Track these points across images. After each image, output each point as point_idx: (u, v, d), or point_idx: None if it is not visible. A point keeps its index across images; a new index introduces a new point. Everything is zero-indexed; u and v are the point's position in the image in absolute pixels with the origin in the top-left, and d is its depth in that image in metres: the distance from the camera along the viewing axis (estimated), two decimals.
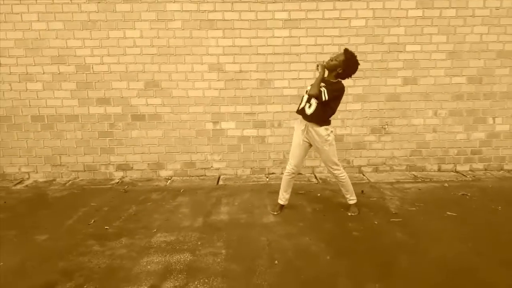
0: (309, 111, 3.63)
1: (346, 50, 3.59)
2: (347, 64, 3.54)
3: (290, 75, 5.33)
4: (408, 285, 2.59)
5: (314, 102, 3.60)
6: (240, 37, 5.23)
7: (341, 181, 3.90)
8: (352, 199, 3.96)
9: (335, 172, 3.85)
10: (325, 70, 3.62)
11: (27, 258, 3.06)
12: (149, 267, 2.88)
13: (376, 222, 3.67)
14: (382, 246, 3.18)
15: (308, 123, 3.69)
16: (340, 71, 3.59)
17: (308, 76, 5.29)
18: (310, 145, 3.84)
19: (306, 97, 3.69)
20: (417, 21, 5.22)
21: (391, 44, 5.26)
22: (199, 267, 2.86)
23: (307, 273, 2.77)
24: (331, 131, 3.72)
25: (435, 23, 5.23)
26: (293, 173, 3.90)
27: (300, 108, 3.75)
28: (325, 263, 2.91)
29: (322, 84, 3.58)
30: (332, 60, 3.58)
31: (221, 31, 5.20)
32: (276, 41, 5.25)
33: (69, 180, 5.34)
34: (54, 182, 5.26)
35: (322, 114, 3.62)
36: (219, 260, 2.97)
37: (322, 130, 3.65)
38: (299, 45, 5.26)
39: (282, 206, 4.03)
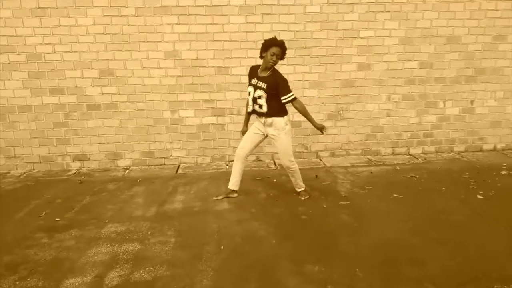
0: (261, 110, 3.73)
1: (282, 41, 3.71)
2: (284, 52, 3.70)
3: (248, 62, 5.32)
4: (346, 265, 2.71)
5: (263, 102, 3.68)
6: (196, 24, 5.20)
7: (292, 171, 3.96)
8: (302, 185, 4.06)
9: (291, 165, 3.89)
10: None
11: None
12: (96, 257, 2.90)
13: (325, 206, 3.79)
14: (327, 228, 3.30)
15: (263, 118, 3.78)
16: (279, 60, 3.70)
17: None
18: (263, 139, 3.96)
19: (251, 97, 3.76)
20: (370, 7, 5.31)
21: (346, 30, 5.35)
22: (146, 256, 2.90)
23: (251, 257, 2.85)
24: (288, 121, 3.82)
25: (388, 9, 5.34)
26: (240, 155, 3.97)
27: (250, 111, 3.86)
28: (270, 247, 3.00)
29: (263, 85, 3.65)
30: (275, 62, 3.68)
31: (176, 17, 5.15)
32: (232, 27, 5.24)
33: (24, 172, 5.24)
34: (8, 175, 5.15)
35: (278, 106, 3.72)
36: (167, 248, 3.02)
37: (280, 120, 3.75)
38: (256, 31, 5.27)
39: (233, 191, 4.10)
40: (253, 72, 3.83)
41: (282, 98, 3.67)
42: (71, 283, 2.57)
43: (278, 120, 3.74)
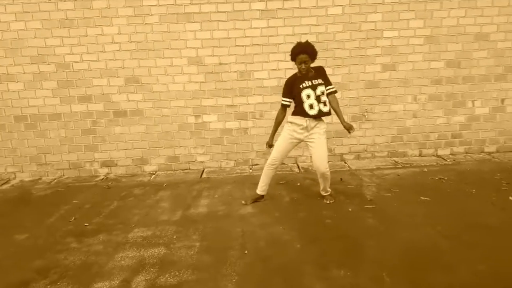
0: (326, 108, 3.71)
1: (305, 46, 3.62)
2: (313, 53, 3.63)
3: (270, 66, 5.35)
4: (372, 269, 2.65)
5: (325, 97, 3.68)
6: (218, 29, 5.25)
7: (327, 176, 3.86)
8: (329, 190, 4.01)
9: (327, 169, 3.81)
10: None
11: (5, 257, 3.13)
12: (123, 262, 2.95)
13: (350, 209, 3.73)
14: (352, 232, 3.25)
15: (315, 120, 3.73)
16: (311, 63, 3.68)
17: (287, 66, 5.30)
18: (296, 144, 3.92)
19: (313, 99, 3.65)
20: (394, 7, 5.22)
21: (369, 31, 5.28)
22: (172, 260, 2.93)
23: (276, 262, 2.84)
24: None
25: (412, 8, 5.23)
26: (273, 165, 3.94)
27: (316, 113, 3.68)
28: (295, 251, 2.98)
29: (319, 81, 3.66)
30: (305, 68, 3.63)
31: (199, 24, 5.22)
32: (254, 32, 5.26)
33: (55, 179, 5.41)
34: (39, 181, 5.33)
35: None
36: (192, 252, 3.04)
37: (323, 125, 3.81)
38: (277, 35, 5.27)
39: (261, 197, 4.09)
40: (297, 79, 3.72)
41: (329, 87, 3.76)
42: (99, 287, 2.63)
43: (323, 121, 3.79)
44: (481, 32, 5.30)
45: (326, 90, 3.73)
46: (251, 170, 5.36)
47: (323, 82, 3.70)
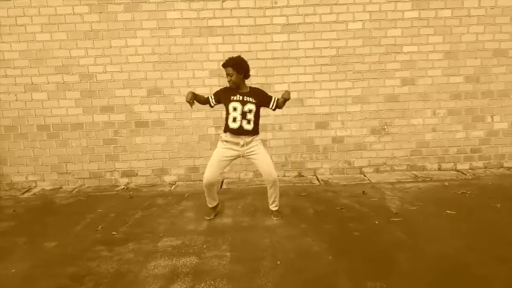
0: (248, 126, 3.72)
1: (230, 60, 3.74)
2: (239, 67, 3.72)
3: (290, 79, 5.42)
4: (406, 282, 2.66)
5: (252, 116, 3.71)
6: (240, 43, 5.33)
7: (277, 184, 3.90)
8: (277, 206, 4.02)
9: (275, 177, 3.85)
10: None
11: (37, 264, 3.15)
12: (156, 270, 2.97)
13: (376, 222, 3.74)
14: (382, 245, 3.26)
15: (246, 137, 3.74)
16: (242, 77, 3.78)
17: (307, 79, 5.39)
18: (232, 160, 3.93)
19: (238, 114, 3.69)
20: (413, 22, 5.30)
21: (388, 45, 5.35)
22: (205, 270, 2.95)
23: (309, 273, 2.85)
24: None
25: (431, 24, 5.31)
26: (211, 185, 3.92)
27: (236, 127, 3.70)
28: (327, 263, 2.99)
29: (251, 99, 3.72)
30: (231, 81, 3.73)
31: (221, 37, 5.30)
32: (275, 45, 5.34)
33: (76, 188, 5.45)
34: (60, 190, 5.37)
35: (257, 123, 3.82)
36: (224, 262, 3.06)
37: (259, 137, 3.86)
38: (298, 49, 5.35)
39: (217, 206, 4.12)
40: (231, 90, 3.80)
41: (271, 103, 3.82)
42: None
43: (256, 137, 3.82)
44: (500, 48, 5.36)
45: (271, 106, 3.83)
46: None
47: (255, 101, 3.72)
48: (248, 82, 5.32)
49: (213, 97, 3.91)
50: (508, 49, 5.36)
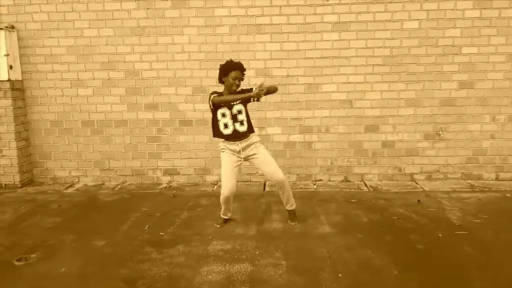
0: (243, 128, 3.57)
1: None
2: (220, 73, 3.59)
3: (339, 79, 5.20)
4: None
5: (243, 116, 3.56)
6: (288, 41, 5.16)
7: (287, 185, 3.70)
8: (294, 202, 3.82)
9: (283, 176, 3.65)
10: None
11: (88, 264, 3.08)
12: (210, 277, 2.83)
13: (440, 235, 3.48)
14: (451, 260, 3.01)
15: (241, 142, 3.58)
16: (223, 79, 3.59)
17: (358, 80, 5.16)
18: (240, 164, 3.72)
19: (228, 119, 3.53)
20: (474, 22, 4.98)
21: (446, 46, 5.05)
22: (262, 279, 2.79)
23: None
24: None
25: (494, 24, 4.97)
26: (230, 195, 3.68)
27: (230, 133, 3.55)
28: (393, 278, 2.77)
29: (236, 96, 3.50)
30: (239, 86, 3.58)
31: (269, 35, 5.15)
32: (324, 44, 5.14)
33: (118, 184, 5.41)
34: (103, 186, 5.34)
35: (250, 121, 3.68)
36: (280, 272, 2.89)
37: (256, 136, 3.70)
38: (349, 48, 5.13)
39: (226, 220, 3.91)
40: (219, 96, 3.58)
41: (252, 95, 3.40)
42: None
43: (254, 136, 3.68)
44: None
45: (252, 98, 3.47)
46: (315, 186, 5.18)
47: (240, 101, 3.54)
48: (295, 81, 5.22)
49: (213, 107, 3.60)
50: None
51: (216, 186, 5.25)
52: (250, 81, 5.22)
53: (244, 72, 3.62)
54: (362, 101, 5.21)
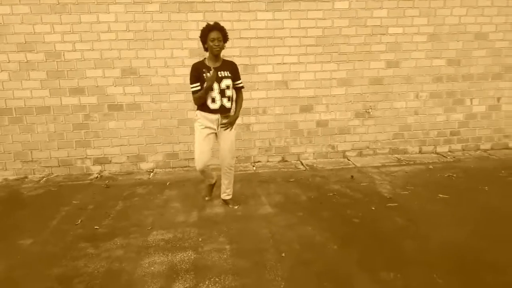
0: (229, 104, 3.58)
1: (218, 24, 3.50)
2: (226, 35, 3.51)
3: (274, 60, 5.20)
4: (421, 271, 2.59)
5: (230, 92, 3.54)
6: (222, 20, 4.93)
7: (232, 171, 3.78)
8: (231, 194, 3.89)
9: (234, 162, 3.77)
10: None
11: (14, 266, 2.81)
12: (152, 268, 2.73)
13: (373, 208, 3.67)
14: (385, 232, 3.19)
15: (224, 116, 3.58)
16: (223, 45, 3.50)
17: (292, 61, 5.19)
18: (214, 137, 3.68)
19: (216, 94, 3.45)
20: (399, 3, 5.21)
21: (374, 26, 5.23)
22: (206, 265, 2.74)
23: (319, 265, 2.71)
24: None
25: (416, 5, 5.24)
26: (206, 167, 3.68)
27: (217, 108, 3.49)
28: (333, 253, 2.87)
29: (226, 73, 3.49)
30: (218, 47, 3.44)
31: (202, 14, 4.97)
32: (259, 24, 5.08)
33: (43, 177, 5.00)
34: (26, 180, 4.91)
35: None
36: (225, 256, 2.86)
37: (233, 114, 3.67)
38: (283, 28, 5.12)
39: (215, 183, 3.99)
40: (201, 67, 3.45)
41: (237, 82, 3.59)
42: None
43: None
44: (481, 31, 5.39)
45: (237, 85, 3.61)
46: (254, 168, 5.20)
47: (230, 75, 3.51)
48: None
49: (195, 85, 3.47)
50: (488, 32, 5.41)
51: (152, 174, 5.06)
52: (184, 61, 5.06)
53: (224, 31, 3.44)
54: (297, 82, 5.27)
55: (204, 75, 3.37)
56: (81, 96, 4.99)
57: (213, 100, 3.47)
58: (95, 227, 3.43)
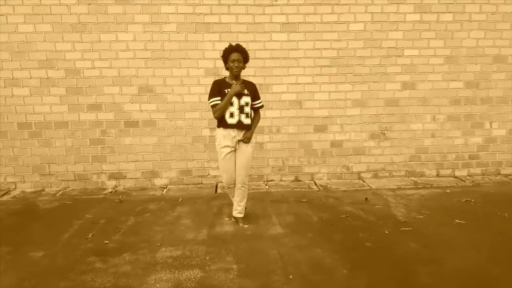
0: (247, 121, 3.64)
1: (240, 45, 3.69)
2: (247, 56, 3.68)
3: (289, 80, 5.23)
4: None
5: (249, 109, 3.62)
6: (237, 41, 5.06)
7: (244, 189, 3.78)
8: (243, 211, 3.86)
9: (248, 180, 3.80)
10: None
11: (24, 278, 2.84)
12: (158, 285, 2.71)
13: (386, 232, 3.58)
14: (398, 257, 3.10)
15: (240, 131, 3.64)
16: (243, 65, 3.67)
17: (306, 81, 5.21)
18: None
19: (235, 109, 3.55)
20: (415, 26, 5.20)
21: (390, 48, 5.23)
22: (212, 285, 2.71)
23: None
24: None
25: (433, 28, 5.22)
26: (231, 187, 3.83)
27: (235, 123, 3.58)
28: (343, 278, 2.80)
29: (245, 92, 3.62)
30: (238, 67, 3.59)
31: (218, 34, 5.06)
32: (274, 45, 5.14)
33: (59, 190, 5.09)
34: (43, 193, 5.00)
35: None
36: (231, 276, 2.83)
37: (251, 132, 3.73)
38: (297, 49, 5.16)
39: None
40: (223, 84, 3.62)
41: (256, 102, 3.72)
42: None
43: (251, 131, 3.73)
44: (500, 54, 5.32)
45: (256, 105, 3.72)
46: (267, 187, 5.17)
47: (249, 94, 3.63)
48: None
49: (216, 98, 3.58)
50: (508, 55, 5.33)
51: (165, 190, 5.09)
52: (200, 80, 5.14)
53: (245, 53, 3.61)
54: (311, 102, 5.27)
55: (226, 90, 3.51)
56: (98, 112, 5.10)
57: (231, 115, 3.56)
58: (105, 241, 3.45)
